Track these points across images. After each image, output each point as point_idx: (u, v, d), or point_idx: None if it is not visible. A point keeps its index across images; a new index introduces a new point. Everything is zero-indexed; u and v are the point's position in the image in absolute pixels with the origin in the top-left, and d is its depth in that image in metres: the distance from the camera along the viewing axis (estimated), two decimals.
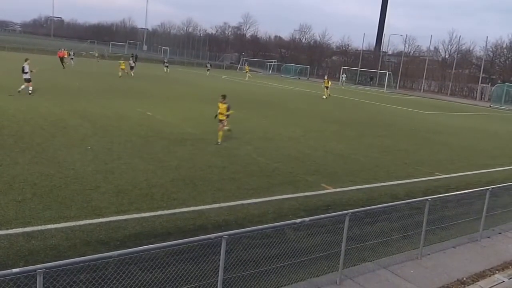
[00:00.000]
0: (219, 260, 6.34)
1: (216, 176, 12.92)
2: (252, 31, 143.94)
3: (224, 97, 17.55)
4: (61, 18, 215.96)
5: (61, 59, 49.48)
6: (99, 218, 9.04)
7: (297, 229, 9.22)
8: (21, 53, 67.57)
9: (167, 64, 66.93)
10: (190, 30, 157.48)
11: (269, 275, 7.36)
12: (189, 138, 18.06)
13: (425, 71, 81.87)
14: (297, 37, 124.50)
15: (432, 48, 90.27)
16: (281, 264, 7.65)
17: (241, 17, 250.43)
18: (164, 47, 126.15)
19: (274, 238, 8.62)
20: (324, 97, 45.44)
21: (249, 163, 14.83)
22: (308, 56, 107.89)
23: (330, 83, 47.11)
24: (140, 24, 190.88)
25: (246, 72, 71.98)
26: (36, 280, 4.77)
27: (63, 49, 55.25)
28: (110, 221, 8.95)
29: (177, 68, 59.96)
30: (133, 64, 50.03)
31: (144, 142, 16.30)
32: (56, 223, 8.59)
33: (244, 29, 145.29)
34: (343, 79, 79.77)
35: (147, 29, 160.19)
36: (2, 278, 4.66)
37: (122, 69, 46.26)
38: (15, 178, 10.93)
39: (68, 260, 5.28)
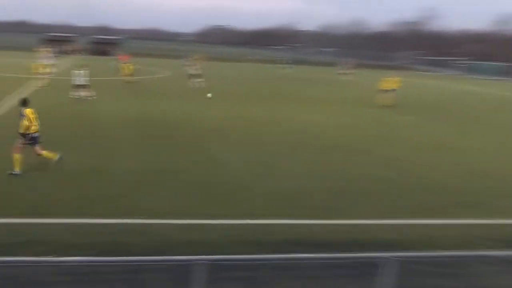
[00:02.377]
0: (383, 283, 6.07)
1: (379, 188, 12.85)
2: (433, 26, 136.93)
3: None
4: (226, 26, 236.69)
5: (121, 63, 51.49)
6: (254, 219, 9.82)
7: (487, 262, 8.18)
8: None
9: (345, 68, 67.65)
10: (357, 29, 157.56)
11: None
12: (351, 144, 18.40)
13: None
14: (497, 29, 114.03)
15: None
16: None
17: (417, 11, 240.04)
18: (327, 49, 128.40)
19: (454, 268, 7.95)
20: None
21: (421, 177, 14.31)
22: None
23: None
24: (302, 26, 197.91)
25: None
26: (193, 268, 5.51)
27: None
28: (264, 224, 9.68)
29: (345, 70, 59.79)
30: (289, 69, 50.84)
31: (301, 147, 17.18)
32: (215, 219, 9.65)
33: (424, 24, 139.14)
34: None
35: (309, 31, 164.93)
36: (164, 263, 5.72)
37: None
38: (181, 174, 12.84)
39: (229, 256, 6.13)
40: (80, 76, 25.27)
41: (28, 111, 12.07)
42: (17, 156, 11.67)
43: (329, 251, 7.71)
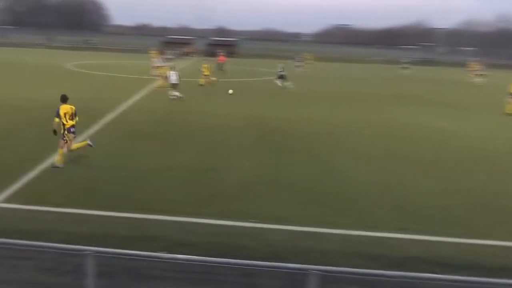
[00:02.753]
0: None
1: None
2: None
3: None
4: (349, 25, 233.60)
5: (220, 64, 50.79)
6: (375, 232, 9.33)
7: None
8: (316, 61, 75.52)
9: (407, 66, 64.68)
10: (503, 25, 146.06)
11: None
12: (493, 154, 16.85)
13: None
14: None
15: None
16: None
17: None
18: (466, 48, 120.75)
19: None
20: None
21: None
22: None
23: None
24: (436, 24, 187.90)
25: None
26: (307, 277, 5.29)
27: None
28: (387, 237, 9.13)
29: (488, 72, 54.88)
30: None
31: (431, 157, 16.00)
32: (330, 228, 9.34)
33: None
34: None
35: (446, 28, 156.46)
36: (278, 270, 5.57)
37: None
38: (295, 178, 12.55)
39: (343, 268, 5.76)
40: (174, 76, 26.67)
41: (62, 108, 12.76)
42: (60, 151, 12.60)
43: (465, 274, 6.91)
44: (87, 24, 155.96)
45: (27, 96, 24.32)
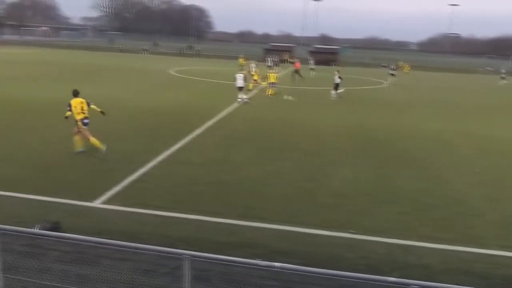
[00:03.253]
0: None
1: None
2: None
3: None
4: (458, 34, 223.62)
5: (297, 70, 49.59)
6: (481, 248, 8.93)
7: None
8: (419, 71, 73.47)
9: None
10: None
11: None
12: None
13: None
14: None
15: None
16: None
17: None
18: None
19: None
20: None
21: None
22: None
23: None
24: None
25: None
26: None
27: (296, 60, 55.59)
28: (494, 255, 8.72)
29: None
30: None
31: None
32: (431, 243, 9.07)
33: None
34: None
35: None
36: (377, 283, 5.43)
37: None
38: (398, 190, 12.27)
39: (445, 284, 5.50)
40: (240, 79, 27.78)
41: (72, 101, 14.15)
42: (76, 138, 14.25)
43: None
44: (191, 31, 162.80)
45: (134, 100, 25.78)
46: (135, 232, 8.85)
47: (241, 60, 41.73)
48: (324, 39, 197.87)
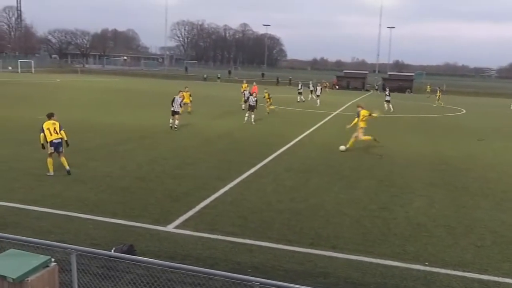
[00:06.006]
0: None
1: None
2: None
3: None
4: None
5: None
6: None
7: None
8: (496, 98, 70.70)
9: None
10: None
11: None
12: None
13: None
14: None
15: None
16: None
17: None
18: None
19: None
20: None
21: None
22: None
23: None
24: None
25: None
26: None
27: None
28: None
29: None
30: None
31: None
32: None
33: None
34: None
35: None
36: None
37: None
38: (476, 222, 11.66)
39: None
40: (253, 99, 29.18)
41: (45, 124, 14.41)
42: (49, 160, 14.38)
43: None
44: (264, 59, 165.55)
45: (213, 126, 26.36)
46: (206, 257, 8.92)
47: (244, 86, 41.77)
48: (398, 65, 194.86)
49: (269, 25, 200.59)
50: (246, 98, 33.40)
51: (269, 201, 12.76)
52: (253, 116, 28.92)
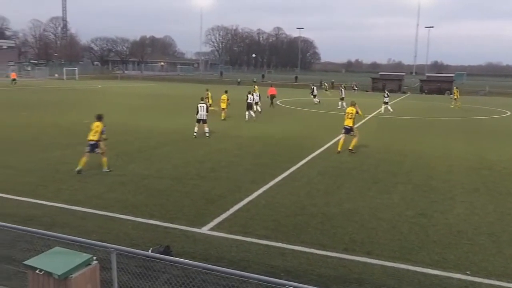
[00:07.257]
0: None
1: None
2: None
3: None
4: None
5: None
6: None
7: None
8: None
9: None
10: None
11: None
12: None
13: None
14: None
15: None
16: None
17: None
18: None
19: None
20: None
21: None
22: None
23: None
24: None
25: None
26: None
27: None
28: None
29: None
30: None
31: None
32: None
33: None
34: None
35: None
36: None
37: None
38: None
39: None
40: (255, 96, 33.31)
41: (93, 124, 15.51)
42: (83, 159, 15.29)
43: None
44: (298, 62, 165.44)
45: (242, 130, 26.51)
46: (239, 260, 8.92)
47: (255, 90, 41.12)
48: (437, 66, 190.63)
49: (302, 28, 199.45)
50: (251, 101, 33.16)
51: (303, 205, 12.68)
52: (252, 113, 31.60)
